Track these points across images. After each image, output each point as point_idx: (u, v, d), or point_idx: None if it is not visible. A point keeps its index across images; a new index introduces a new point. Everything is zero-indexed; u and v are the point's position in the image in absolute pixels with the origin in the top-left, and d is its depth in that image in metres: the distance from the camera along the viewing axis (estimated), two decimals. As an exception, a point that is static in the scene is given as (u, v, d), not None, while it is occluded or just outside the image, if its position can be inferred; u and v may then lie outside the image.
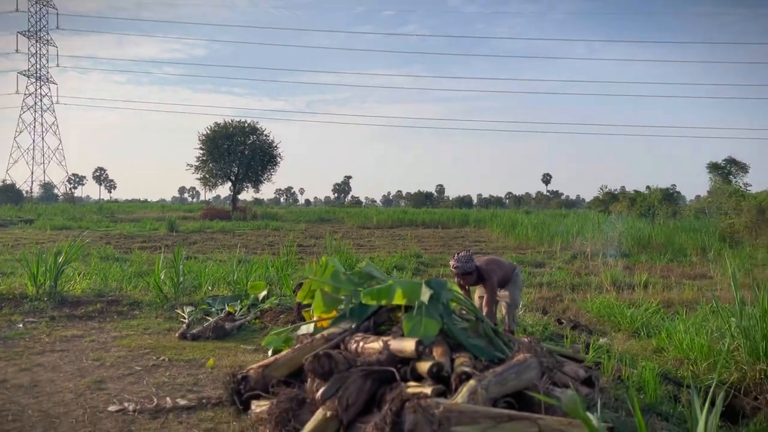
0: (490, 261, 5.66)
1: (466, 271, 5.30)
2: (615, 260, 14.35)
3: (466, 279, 5.40)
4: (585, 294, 9.58)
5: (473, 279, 5.41)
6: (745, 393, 4.93)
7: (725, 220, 19.98)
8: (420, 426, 2.55)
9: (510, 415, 2.64)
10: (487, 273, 5.39)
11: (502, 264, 5.77)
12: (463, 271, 5.30)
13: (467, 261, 5.30)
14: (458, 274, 5.36)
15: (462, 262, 5.29)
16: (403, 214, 36.15)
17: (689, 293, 9.54)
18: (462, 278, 5.40)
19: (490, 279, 5.37)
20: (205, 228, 26.48)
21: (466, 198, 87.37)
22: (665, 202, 27.95)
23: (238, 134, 43.23)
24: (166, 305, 7.29)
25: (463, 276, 5.36)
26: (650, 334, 6.63)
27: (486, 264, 5.51)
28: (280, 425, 3.12)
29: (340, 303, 4.42)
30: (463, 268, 5.29)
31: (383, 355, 3.44)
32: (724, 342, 5.45)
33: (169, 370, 4.77)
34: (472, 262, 5.35)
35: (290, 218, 38.09)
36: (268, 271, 8.96)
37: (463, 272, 5.31)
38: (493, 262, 5.66)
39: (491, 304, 5.40)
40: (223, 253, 14.94)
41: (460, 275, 5.37)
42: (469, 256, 5.36)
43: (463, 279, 5.41)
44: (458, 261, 5.30)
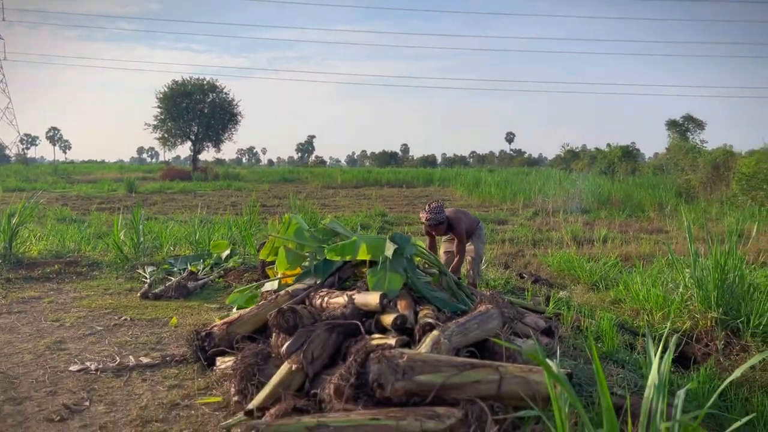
0: (457, 211, 5.72)
1: (439, 221, 5.33)
2: (575, 216, 14.62)
3: (438, 229, 5.44)
4: (546, 249, 9.77)
5: (443, 229, 5.47)
6: (697, 340, 5.13)
7: (682, 177, 20.51)
8: (384, 375, 2.58)
9: (472, 364, 2.69)
10: (456, 222, 5.46)
11: (468, 215, 5.86)
12: (436, 222, 5.33)
13: (439, 212, 5.33)
14: (430, 225, 5.38)
15: (434, 213, 5.32)
16: (368, 174, 36.06)
17: (646, 247, 9.81)
18: (433, 229, 5.44)
19: (459, 227, 5.45)
20: (166, 189, 26.00)
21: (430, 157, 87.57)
22: (625, 159, 28.47)
23: (196, 92, 42.29)
24: (126, 266, 7.17)
25: (435, 227, 5.39)
26: (608, 286, 6.82)
27: (454, 213, 5.58)
28: (245, 380, 3.12)
29: (304, 260, 4.40)
30: (436, 219, 5.32)
31: (348, 309, 3.46)
32: (678, 292, 5.64)
33: (131, 330, 4.72)
34: (443, 213, 5.39)
35: (253, 178, 37.63)
36: (231, 231, 8.87)
37: (435, 223, 5.34)
38: (460, 212, 5.74)
39: (463, 252, 5.49)
40: (184, 213, 14.70)
41: (432, 226, 5.39)
42: (440, 207, 5.39)
43: (435, 230, 5.44)
44: (430, 212, 5.32)
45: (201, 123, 42.65)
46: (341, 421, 2.44)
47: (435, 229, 5.42)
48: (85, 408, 3.23)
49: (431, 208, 5.34)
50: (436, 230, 5.44)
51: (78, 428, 2.99)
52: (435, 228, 5.41)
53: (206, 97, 42.91)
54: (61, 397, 3.37)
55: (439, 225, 5.37)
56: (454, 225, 5.45)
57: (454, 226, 5.45)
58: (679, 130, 32.40)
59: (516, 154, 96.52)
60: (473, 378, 2.62)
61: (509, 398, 2.63)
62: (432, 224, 5.35)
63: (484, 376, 2.63)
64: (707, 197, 18.06)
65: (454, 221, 5.46)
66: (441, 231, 5.49)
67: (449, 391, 2.60)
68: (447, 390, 2.60)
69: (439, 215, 5.32)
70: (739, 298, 5.19)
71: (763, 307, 5.02)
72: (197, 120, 42.57)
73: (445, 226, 5.44)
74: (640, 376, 3.90)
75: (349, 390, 2.64)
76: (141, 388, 3.51)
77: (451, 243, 5.96)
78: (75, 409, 3.21)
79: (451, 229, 5.50)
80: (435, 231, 5.47)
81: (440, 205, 5.40)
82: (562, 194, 18.38)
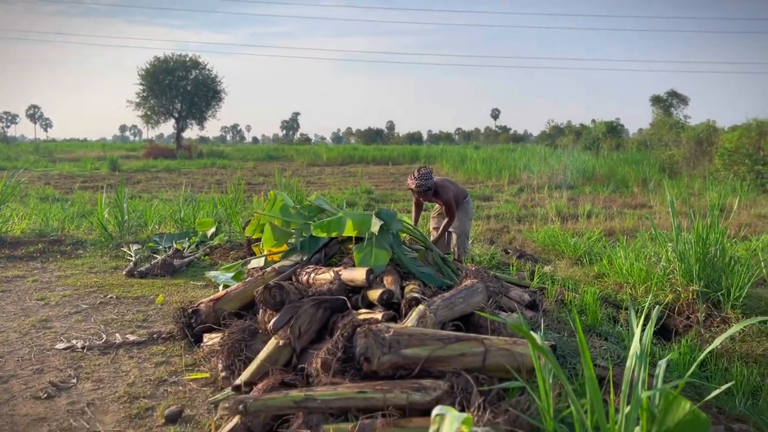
0: (445, 180, 5.75)
1: (427, 187, 5.34)
2: (560, 192, 14.71)
3: (426, 195, 5.45)
4: (531, 225, 9.83)
5: (431, 195, 5.48)
6: (678, 313, 5.21)
7: (665, 152, 20.65)
8: (371, 349, 2.61)
9: (458, 337, 2.72)
10: (443, 189, 5.48)
11: (456, 185, 5.89)
12: (425, 187, 5.32)
13: (427, 177, 5.33)
14: (418, 191, 5.38)
15: (423, 179, 5.31)
16: (354, 151, 35.91)
17: (630, 222, 9.91)
18: (421, 195, 5.44)
19: (447, 194, 5.47)
20: (149, 167, 25.73)
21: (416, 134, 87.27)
22: (609, 135, 28.57)
23: (179, 69, 41.75)
24: (111, 244, 7.12)
25: (423, 192, 5.39)
26: (592, 261, 6.89)
27: (441, 182, 5.60)
28: (232, 355, 3.14)
29: (290, 236, 4.40)
30: (425, 185, 5.32)
31: (334, 285, 3.47)
32: (660, 266, 5.71)
33: (117, 308, 4.70)
34: (432, 179, 5.39)
35: (237, 156, 37.32)
36: (216, 209, 8.83)
37: (424, 189, 5.33)
38: (448, 181, 5.77)
39: (453, 214, 5.53)
40: (168, 192, 14.58)
41: (420, 192, 5.39)
42: (428, 172, 5.39)
43: (423, 196, 5.45)
44: (419, 177, 5.31)
45: (184, 100, 42.15)
46: (328, 394, 2.46)
47: (423, 195, 5.43)
48: (72, 385, 3.24)
49: (420, 174, 5.34)
50: (424, 196, 5.46)
51: (65, 405, 2.99)
52: (423, 194, 5.41)
53: (189, 74, 42.38)
54: (48, 375, 3.37)
55: (427, 191, 5.37)
56: (441, 192, 5.47)
57: (441, 193, 5.48)
58: (663, 105, 32.55)
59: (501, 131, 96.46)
60: (459, 351, 2.65)
61: (494, 370, 2.66)
62: (420, 189, 5.34)
63: (470, 348, 2.66)
64: (690, 172, 18.22)
65: (441, 188, 5.48)
66: (428, 197, 5.51)
67: (435, 363, 2.63)
68: (433, 363, 2.63)
69: (427, 181, 5.32)
70: (720, 271, 5.27)
71: (742, 280, 5.11)
72: (180, 97, 42.07)
73: (432, 193, 5.46)
74: (623, 348, 3.96)
75: (336, 364, 2.66)
76: (128, 366, 3.52)
77: (440, 220, 5.97)
78: (62, 387, 3.21)
79: (437, 196, 5.52)
80: (423, 197, 5.49)
81: (429, 171, 5.41)
82: (547, 170, 18.46)
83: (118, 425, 2.78)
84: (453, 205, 5.57)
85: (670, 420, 1.92)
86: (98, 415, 2.89)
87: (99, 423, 2.81)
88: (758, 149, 15.66)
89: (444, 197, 5.50)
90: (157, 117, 42.88)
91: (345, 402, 2.46)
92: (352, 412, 2.49)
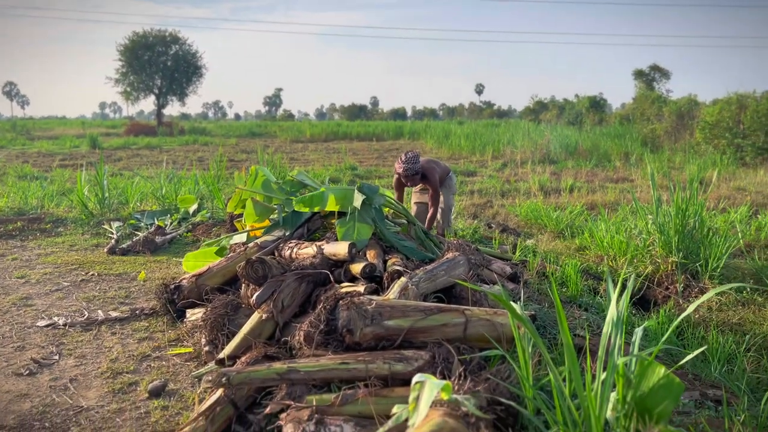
0: (429, 161, 5.72)
1: (415, 171, 5.31)
2: (543, 167, 14.77)
3: (413, 179, 5.42)
4: (514, 199, 9.88)
5: (418, 179, 5.46)
6: (658, 284, 5.30)
7: (647, 126, 20.75)
8: (353, 321, 2.62)
9: (439, 308, 2.75)
10: (429, 172, 5.45)
11: (440, 164, 5.86)
12: (412, 171, 5.29)
13: (415, 161, 5.30)
14: (406, 175, 5.36)
15: (411, 163, 5.28)
16: (338, 127, 35.64)
17: (612, 195, 9.99)
18: (409, 179, 5.41)
19: (433, 177, 5.45)
20: (130, 144, 25.41)
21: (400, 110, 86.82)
22: (592, 109, 28.68)
23: (158, 44, 41.17)
24: (92, 221, 7.05)
25: (411, 177, 5.37)
26: (574, 234, 6.95)
27: (426, 163, 5.57)
28: (215, 330, 3.14)
29: (272, 212, 4.38)
30: (412, 169, 5.29)
31: (317, 259, 3.47)
32: (641, 238, 5.79)
33: (99, 285, 4.68)
34: (419, 163, 5.37)
35: (220, 133, 36.95)
36: (197, 186, 8.76)
37: (412, 173, 5.31)
38: (432, 162, 5.74)
39: (437, 201, 5.51)
40: (150, 169, 14.43)
41: (407, 176, 5.36)
42: (416, 156, 5.36)
43: (410, 180, 5.42)
44: (407, 162, 5.28)
45: (164, 76, 41.61)
46: (311, 366, 2.48)
47: (410, 179, 5.39)
48: (54, 362, 3.23)
49: (407, 158, 5.31)
50: (412, 180, 5.42)
51: (48, 381, 2.99)
52: (410, 178, 5.38)
53: (169, 49, 41.81)
54: (30, 351, 3.35)
55: (415, 175, 5.35)
56: (428, 175, 5.45)
57: (428, 177, 5.45)
58: (645, 79, 32.66)
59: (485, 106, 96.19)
60: (440, 321, 2.68)
61: (475, 340, 2.70)
62: (408, 174, 5.31)
63: (451, 319, 2.69)
64: (672, 146, 18.36)
65: (428, 171, 5.45)
66: (416, 181, 5.48)
67: (417, 334, 2.66)
68: (415, 334, 2.66)
69: (415, 165, 5.30)
70: (698, 242, 5.35)
71: (720, 251, 5.19)
72: (160, 73, 41.53)
73: (419, 177, 5.44)
74: (603, 319, 4.03)
75: (319, 336, 2.68)
76: (111, 342, 3.51)
77: (422, 194, 5.97)
78: (44, 363, 3.20)
79: (424, 180, 5.49)
80: (410, 181, 5.44)
81: (416, 155, 5.38)
82: (530, 145, 18.50)
83: (102, 400, 2.79)
84: (440, 191, 5.55)
85: (645, 385, 1.96)
86: (81, 391, 2.89)
87: (82, 398, 2.81)
88: (738, 123, 15.79)
89: (431, 181, 5.46)
90: (137, 93, 42.33)
91: (328, 373, 2.48)
92: (335, 383, 2.52)
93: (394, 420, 1.76)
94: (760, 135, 14.96)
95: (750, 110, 15.48)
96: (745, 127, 15.52)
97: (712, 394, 2.94)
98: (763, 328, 4.14)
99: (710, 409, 2.72)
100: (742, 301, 4.70)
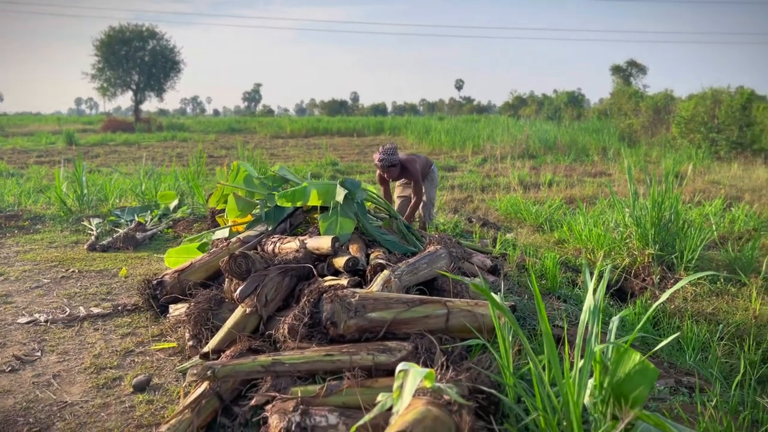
0: (410, 155, 5.74)
1: (392, 163, 5.33)
2: (522, 162, 14.90)
3: (390, 171, 5.44)
4: (494, 194, 9.97)
5: (396, 171, 5.48)
6: (635, 276, 5.41)
7: (625, 121, 21.03)
8: (337, 314, 2.66)
9: (421, 300, 2.79)
10: (409, 163, 5.48)
11: (421, 158, 5.89)
12: (389, 163, 5.31)
13: (392, 153, 5.32)
14: (383, 167, 5.38)
15: (388, 155, 5.31)
16: (318, 123, 35.57)
17: (590, 190, 10.13)
18: (386, 171, 5.43)
19: (413, 167, 5.47)
20: (108, 141, 25.08)
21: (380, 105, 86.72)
22: (570, 105, 28.94)
23: (136, 39, 40.59)
24: (71, 218, 6.99)
25: (388, 168, 5.39)
26: (553, 228, 7.05)
27: (406, 156, 5.60)
28: (199, 324, 3.16)
29: (254, 207, 4.39)
30: (389, 161, 5.31)
31: (300, 254, 3.50)
32: (618, 231, 5.90)
33: (79, 281, 4.66)
34: (397, 155, 5.39)
35: (199, 129, 36.65)
36: (177, 182, 8.71)
37: (389, 164, 5.33)
38: (413, 155, 5.77)
39: (420, 193, 5.55)
40: (128, 165, 14.30)
41: (385, 167, 5.39)
42: (393, 148, 5.38)
43: (388, 171, 5.44)
44: (384, 153, 5.31)
45: (142, 71, 41.10)
46: (296, 358, 2.52)
47: (388, 171, 5.41)
48: (36, 358, 3.22)
49: (384, 150, 5.34)
50: (389, 172, 5.43)
51: (30, 378, 2.98)
52: (388, 170, 5.40)
53: (146, 44, 41.26)
54: (11, 348, 3.34)
55: (392, 167, 5.37)
56: (408, 167, 5.47)
57: (408, 169, 5.47)
58: (622, 75, 33.01)
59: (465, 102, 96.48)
60: (422, 313, 2.73)
61: (457, 331, 2.75)
62: (385, 165, 5.34)
63: (433, 311, 2.74)
64: (648, 141, 18.63)
65: (408, 163, 5.48)
66: (394, 174, 5.50)
67: (400, 326, 2.70)
68: (398, 325, 2.70)
69: (392, 156, 5.32)
70: (674, 234, 5.47)
71: (695, 243, 5.31)
72: (138, 68, 41.00)
73: (398, 170, 5.45)
74: (581, 310, 4.10)
75: (304, 329, 2.71)
76: (93, 338, 3.51)
77: (406, 188, 6.01)
78: (26, 360, 3.19)
79: (405, 172, 5.52)
80: (388, 173, 5.46)
81: (394, 147, 5.41)
82: (510, 141, 18.64)
83: (86, 395, 2.79)
84: (421, 182, 5.57)
85: (621, 371, 2.02)
86: (65, 387, 2.89)
87: (66, 394, 2.81)
88: (713, 117, 16.08)
89: (411, 172, 5.49)
90: (114, 89, 41.76)
91: (312, 365, 2.52)
92: (319, 374, 2.55)
93: (378, 408, 1.80)
94: (734, 129, 15.25)
95: (724, 105, 15.78)
96: (720, 121, 15.81)
97: (687, 381, 3.03)
98: (735, 317, 4.26)
99: (684, 395, 2.81)
100: (716, 291, 4.82)
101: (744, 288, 4.84)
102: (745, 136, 15.15)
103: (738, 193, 9.64)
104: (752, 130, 15.20)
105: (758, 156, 14.48)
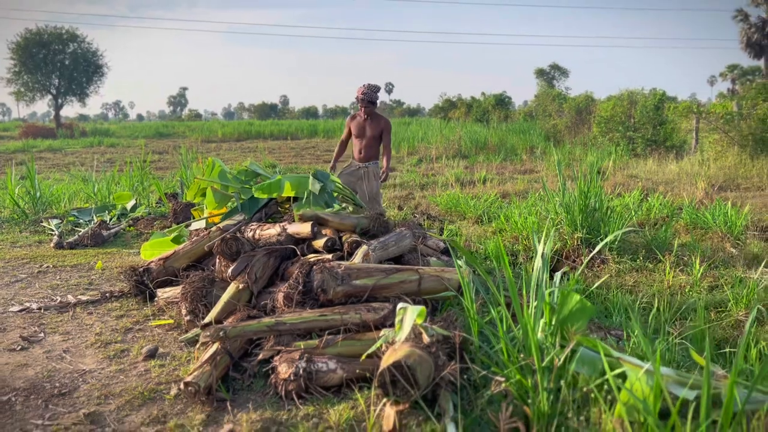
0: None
1: (372, 99, 5.92)
2: (456, 161, 15.66)
3: (368, 107, 5.98)
4: (433, 191, 10.58)
5: (371, 111, 6.03)
6: (566, 257, 6.08)
7: (549, 122, 22.23)
8: (326, 282, 3.11)
9: (397, 268, 3.29)
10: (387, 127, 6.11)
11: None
12: (370, 98, 5.90)
13: (376, 91, 5.94)
14: (364, 100, 5.92)
15: (372, 90, 5.91)
16: (250, 126, 35.44)
17: (521, 185, 10.91)
18: (365, 105, 5.96)
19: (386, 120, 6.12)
20: (30, 147, 24.24)
21: (311, 109, 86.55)
22: (498, 107, 30.10)
23: (54, 42, 39.14)
24: (26, 221, 7.07)
25: (368, 104, 5.94)
26: (491, 219, 7.69)
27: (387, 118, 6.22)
28: (195, 300, 3.52)
29: (230, 199, 4.77)
30: (371, 96, 5.90)
31: (282, 237, 3.92)
32: (550, 218, 6.58)
33: (58, 275, 4.88)
34: (378, 93, 5.99)
35: (125, 134, 35.82)
36: (132, 182, 8.85)
37: (369, 100, 5.90)
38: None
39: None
40: (60, 172, 14.08)
41: (365, 102, 5.93)
42: (378, 88, 5.99)
43: (366, 107, 5.98)
44: (368, 88, 5.89)
45: (62, 76, 39.69)
46: (295, 318, 2.96)
47: (367, 106, 5.94)
48: (41, 338, 3.50)
49: (369, 85, 5.91)
50: (367, 107, 5.96)
51: (42, 354, 3.27)
52: (367, 105, 5.93)
53: (66, 47, 39.87)
54: (13, 332, 3.59)
55: (371, 103, 5.94)
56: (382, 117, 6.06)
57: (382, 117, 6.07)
58: (546, 78, 34.68)
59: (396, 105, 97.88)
60: (399, 279, 3.22)
61: (427, 293, 3.26)
62: (365, 99, 5.88)
63: (407, 277, 3.24)
64: (572, 140, 19.82)
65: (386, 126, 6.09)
66: (370, 111, 6.03)
67: (380, 291, 3.19)
68: (378, 290, 3.18)
69: (375, 93, 5.92)
70: (599, 220, 6.18)
71: (617, 226, 6.04)
72: (58, 72, 39.57)
73: (372, 110, 6.01)
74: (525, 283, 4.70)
75: (298, 296, 3.15)
76: (90, 320, 3.80)
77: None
78: (33, 340, 3.47)
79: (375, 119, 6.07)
80: (365, 108, 5.98)
81: (378, 87, 5.99)
82: (443, 142, 19.43)
83: (100, 364, 3.12)
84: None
85: (565, 310, 2.58)
86: (78, 359, 3.20)
87: (81, 364, 3.13)
88: (629, 117, 17.34)
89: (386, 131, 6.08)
90: (32, 94, 40.11)
91: (309, 324, 2.96)
92: (315, 332, 3.00)
93: (382, 339, 2.27)
94: (649, 128, 16.52)
95: (639, 106, 17.04)
96: (636, 121, 17.07)
97: (615, 334, 3.65)
98: (652, 288, 4.96)
99: (613, 341, 3.42)
100: (636, 268, 5.53)
101: (659, 264, 5.58)
102: (659, 134, 16.43)
103: (653, 185, 10.64)
104: (665, 129, 16.50)
105: (670, 152, 15.76)
